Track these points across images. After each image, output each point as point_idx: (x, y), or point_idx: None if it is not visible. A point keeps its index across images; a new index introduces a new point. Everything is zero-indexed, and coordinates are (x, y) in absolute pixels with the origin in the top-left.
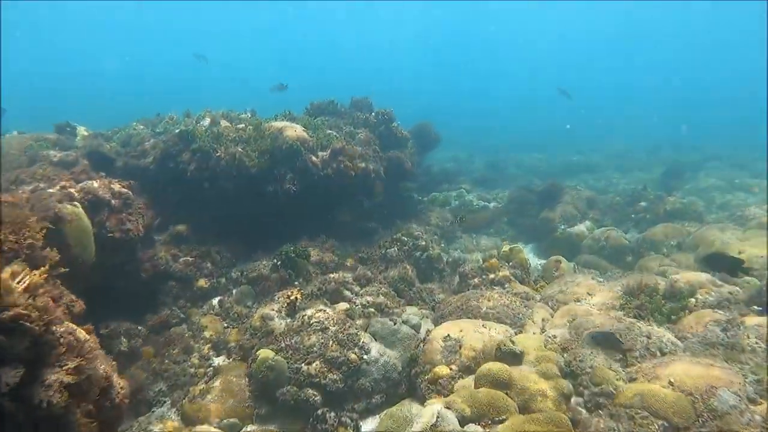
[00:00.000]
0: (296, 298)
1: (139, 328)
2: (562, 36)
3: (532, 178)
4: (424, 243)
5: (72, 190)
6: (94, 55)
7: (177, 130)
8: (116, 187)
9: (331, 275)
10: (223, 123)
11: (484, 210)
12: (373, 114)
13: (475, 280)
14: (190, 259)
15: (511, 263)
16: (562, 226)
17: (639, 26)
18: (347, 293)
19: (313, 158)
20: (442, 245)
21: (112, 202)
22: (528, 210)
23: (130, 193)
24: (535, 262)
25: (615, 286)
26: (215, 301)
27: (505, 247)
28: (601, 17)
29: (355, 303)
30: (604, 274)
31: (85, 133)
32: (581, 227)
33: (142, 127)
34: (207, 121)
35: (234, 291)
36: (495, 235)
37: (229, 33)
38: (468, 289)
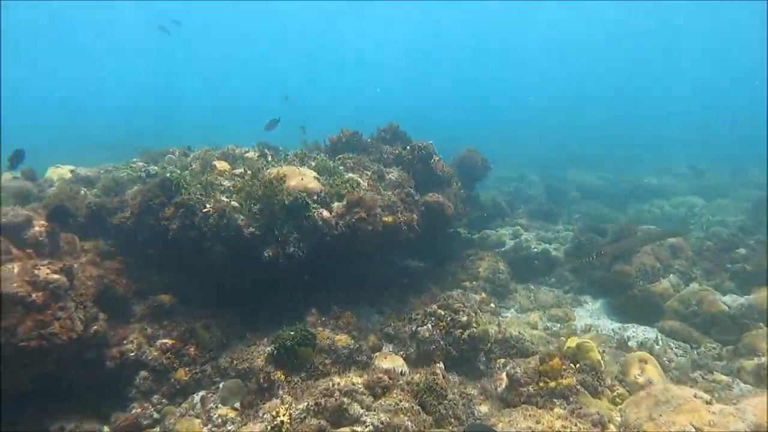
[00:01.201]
0: (282, 421)
1: (104, 429)
2: (590, 37)
3: (597, 206)
4: (465, 318)
5: None
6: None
7: (158, 178)
8: (43, 273)
9: (336, 381)
10: (220, 165)
11: (544, 255)
12: (407, 148)
13: (530, 388)
14: (169, 342)
15: (578, 365)
16: (641, 282)
17: (683, 31)
18: (355, 409)
19: (324, 213)
20: (492, 305)
21: (32, 296)
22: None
23: (63, 279)
24: (606, 325)
25: (738, 413)
26: (197, 397)
27: (571, 342)
28: (641, 18)
29: (365, 425)
30: (697, 350)
31: (68, 175)
32: (665, 284)
33: (141, 164)
34: (197, 165)
35: (221, 385)
36: (557, 285)
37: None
38: (519, 400)
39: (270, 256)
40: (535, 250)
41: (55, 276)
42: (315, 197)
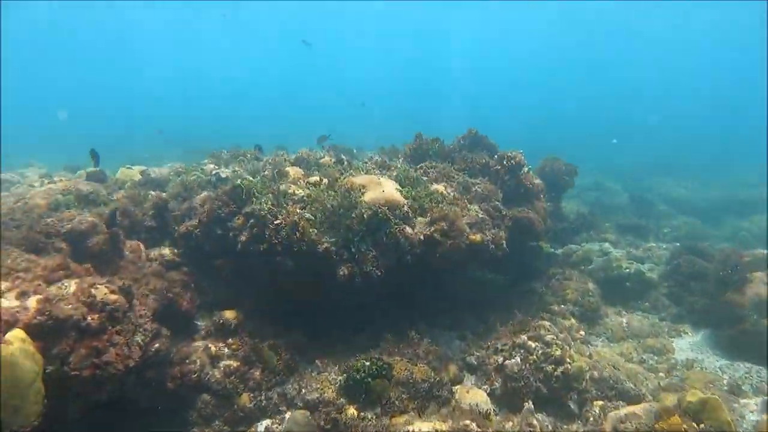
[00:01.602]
0: None
1: None
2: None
3: (690, 220)
4: (559, 352)
5: (19, 304)
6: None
7: (229, 185)
8: (101, 293)
9: (416, 429)
10: (293, 172)
11: (636, 277)
12: (495, 158)
13: None
14: (234, 364)
15: (702, 426)
16: (755, 316)
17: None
18: None
19: (407, 230)
20: (582, 332)
21: (87, 320)
22: (699, 283)
23: (121, 300)
24: (712, 361)
25: None
26: (261, 427)
27: (692, 396)
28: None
29: None
30: None
31: (138, 177)
32: None
33: (212, 166)
34: (269, 170)
35: (288, 416)
36: (652, 311)
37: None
38: None
39: (345, 275)
40: (627, 270)
41: (114, 296)
42: (397, 211)
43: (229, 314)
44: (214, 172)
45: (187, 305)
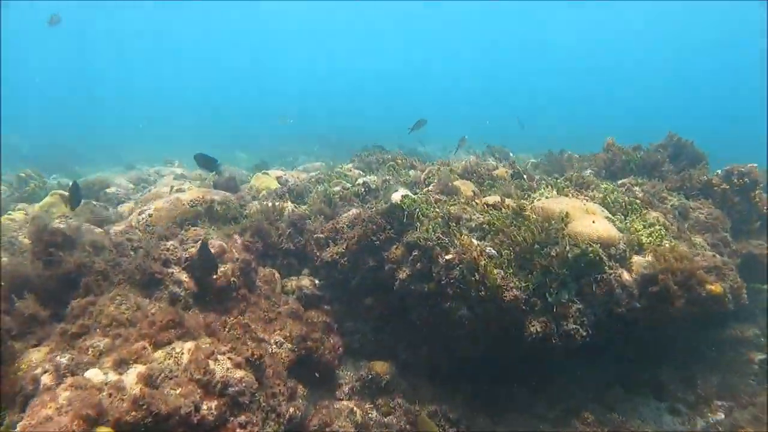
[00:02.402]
0: None
1: None
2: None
3: None
4: None
5: (116, 379)
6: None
7: (385, 204)
8: (221, 369)
9: None
10: (465, 189)
11: None
12: (720, 174)
13: None
14: None
15: None
16: None
17: None
18: None
19: (625, 276)
20: None
21: (202, 410)
22: None
23: (249, 378)
24: None
25: None
26: None
27: None
28: None
29: None
30: None
31: (274, 185)
32: None
33: (357, 171)
34: (434, 185)
35: None
36: None
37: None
38: None
39: (537, 333)
40: None
41: (239, 373)
42: (612, 250)
43: (379, 367)
44: (361, 181)
45: (328, 355)
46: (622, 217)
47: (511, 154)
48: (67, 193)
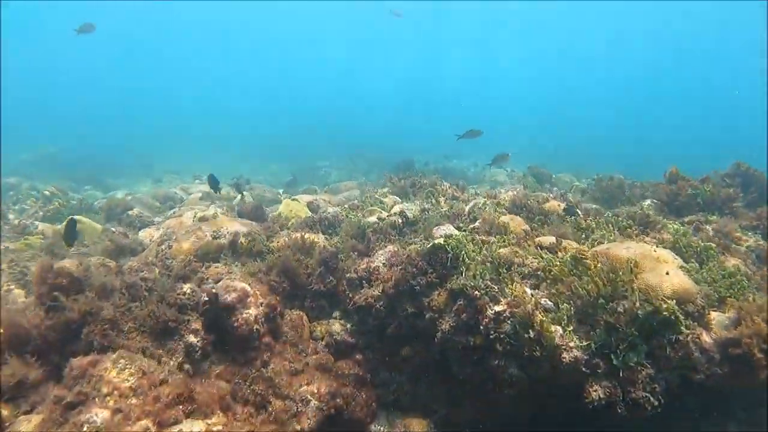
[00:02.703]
0: None
1: None
2: None
3: None
4: None
5: None
6: None
7: (425, 240)
8: None
9: None
10: (515, 226)
11: None
12: None
13: None
14: None
15: None
16: None
17: None
18: None
19: (704, 338)
20: None
21: None
22: None
23: None
24: None
25: None
26: None
27: None
28: None
29: None
30: None
31: (304, 213)
32: None
33: (393, 198)
34: (481, 222)
35: None
36: None
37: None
38: None
39: (600, 399)
40: None
41: None
42: (689, 307)
43: (416, 425)
44: (397, 209)
45: (360, 412)
46: (697, 264)
47: (552, 176)
48: (81, 220)
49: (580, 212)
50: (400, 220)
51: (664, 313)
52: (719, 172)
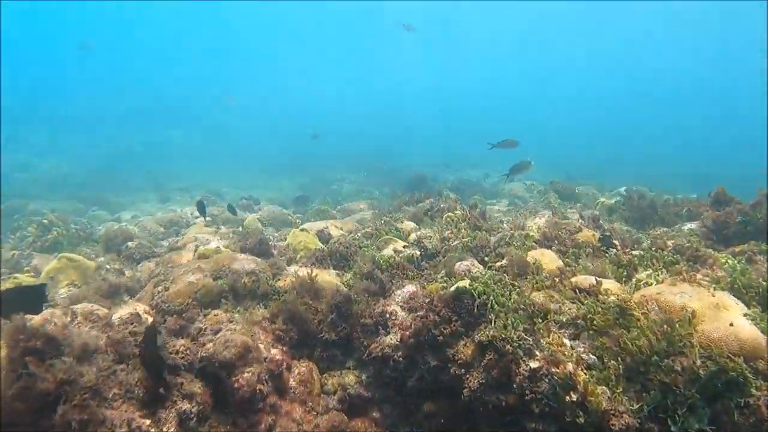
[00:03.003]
0: None
1: None
2: None
3: None
4: None
5: None
6: None
7: (449, 288)
8: None
9: None
10: (548, 265)
11: None
12: None
13: None
14: None
15: None
16: None
17: None
18: None
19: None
20: None
21: None
22: None
23: None
24: None
25: None
26: None
27: None
28: None
29: None
30: None
31: (313, 245)
32: None
33: (410, 225)
34: (507, 259)
35: None
36: None
37: None
38: None
39: None
40: None
41: None
42: (759, 364)
43: None
44: (414, 237)
45: None
46: (759, 309)
47: (576, 190)
48: (78, 258)
49: (617, 242)
50: (418, 252)
51: (729, 372)
52: (763, 191)
